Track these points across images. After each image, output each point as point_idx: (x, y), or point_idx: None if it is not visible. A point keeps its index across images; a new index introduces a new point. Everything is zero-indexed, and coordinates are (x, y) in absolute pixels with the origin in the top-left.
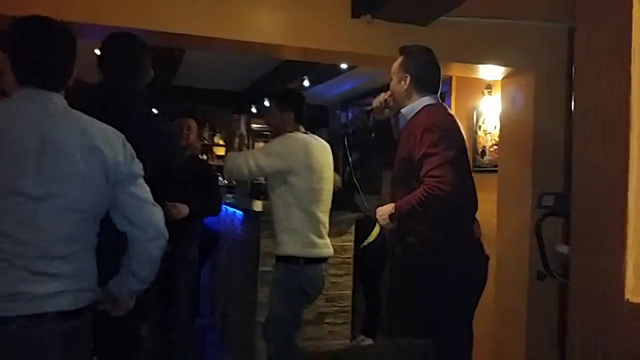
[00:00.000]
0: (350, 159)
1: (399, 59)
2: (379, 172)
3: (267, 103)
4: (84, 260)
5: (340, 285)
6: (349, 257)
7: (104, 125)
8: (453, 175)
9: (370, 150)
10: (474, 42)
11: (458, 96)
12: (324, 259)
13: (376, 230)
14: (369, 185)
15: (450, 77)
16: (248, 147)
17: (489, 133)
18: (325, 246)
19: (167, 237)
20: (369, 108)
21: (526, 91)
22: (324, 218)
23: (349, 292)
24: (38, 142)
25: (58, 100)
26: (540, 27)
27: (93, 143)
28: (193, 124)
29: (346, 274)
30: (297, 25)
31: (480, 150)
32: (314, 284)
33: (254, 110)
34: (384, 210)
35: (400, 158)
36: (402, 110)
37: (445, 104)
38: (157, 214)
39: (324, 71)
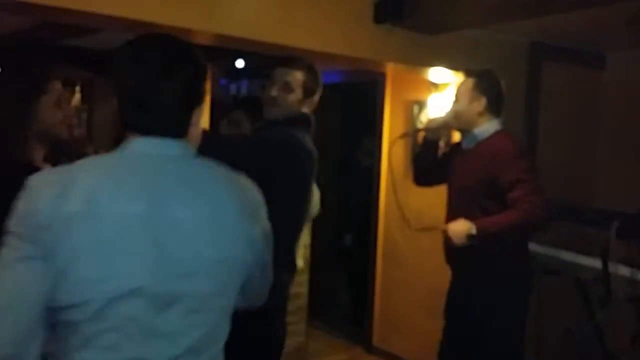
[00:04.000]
0: None
1: (470, 81)
2: None
3: None
4: None
5: None
6: None
7: None
8: (546, 202)
9: None
10: (466, 52)
11: (394, 89)
12: None
13: None
14: None
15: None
16: None
17: None
18: None
19: None
20: (420, 127)
21: None
22: None
23: None
24: None
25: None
26: (508, 40)
27: None
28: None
29: None
30: (318, 29)
31: None
32: None
33: None
34: (461, 229)
35: (472, 177)
36: (474, 131)
37: None
38: None
39: None
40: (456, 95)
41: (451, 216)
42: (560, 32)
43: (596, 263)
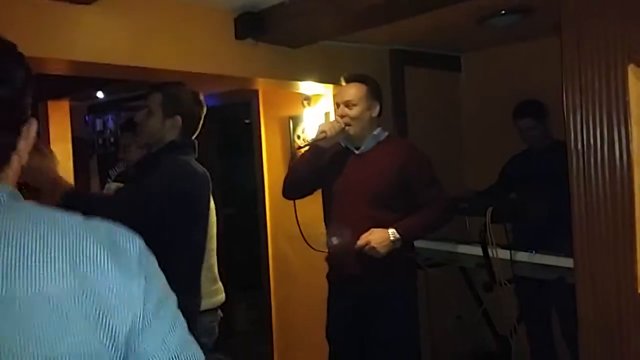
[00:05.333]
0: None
1: (363, 87)
2: None
3: None
4: None
5: None
6: None
7: None
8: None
9: None
10: (332, 63)
11: (268, 106)
12: None
13: None
14: None
15: (257, 89)
16: None
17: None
18: None
19: None
20: (321, 136)
21: None
22: None
23: None
24: None
25: None
26: (371, 49)
27: None
28: None
29: None
30: (177, 48)
31: None
32: None
33: None
34: (384, 237)
35: (381, 179)
36: (375, 134)
37: None
38: None
39: None
40: (350, 101)
41: (344, 219)
42: (417, 39)
43: (477, 250)
